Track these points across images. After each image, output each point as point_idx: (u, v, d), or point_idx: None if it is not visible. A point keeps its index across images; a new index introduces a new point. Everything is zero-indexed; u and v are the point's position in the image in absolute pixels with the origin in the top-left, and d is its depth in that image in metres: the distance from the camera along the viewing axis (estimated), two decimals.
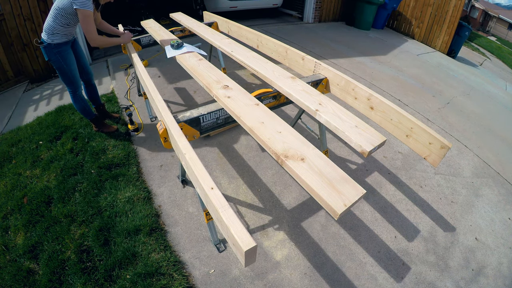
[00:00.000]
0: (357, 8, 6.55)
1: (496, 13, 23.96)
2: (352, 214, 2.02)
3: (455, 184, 2.42)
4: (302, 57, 1.97)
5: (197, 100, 3.17)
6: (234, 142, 2.59)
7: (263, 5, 6.36)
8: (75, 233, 1.77)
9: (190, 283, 1.55)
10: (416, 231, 1.97)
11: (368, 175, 2.38)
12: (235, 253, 0.87)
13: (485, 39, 14.06)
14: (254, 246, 0.81)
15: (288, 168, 1.06)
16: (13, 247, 1.73)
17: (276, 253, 1.74)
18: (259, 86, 3.48)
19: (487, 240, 1.99)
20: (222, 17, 3.03)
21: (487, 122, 3.60)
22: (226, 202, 0.92)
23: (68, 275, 1.55)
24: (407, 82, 4.22)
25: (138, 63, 2.01)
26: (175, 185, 2.13)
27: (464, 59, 6.77)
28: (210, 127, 1.50)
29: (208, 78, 1.60)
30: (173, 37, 2.35)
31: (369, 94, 1.57)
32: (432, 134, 1.35)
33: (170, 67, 3.80)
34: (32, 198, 2.00)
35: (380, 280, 1.66)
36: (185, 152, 1.13)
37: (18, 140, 2.62)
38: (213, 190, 0.96)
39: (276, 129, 1.23)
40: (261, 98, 1.60)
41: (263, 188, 2.15)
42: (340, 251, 1.79)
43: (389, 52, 5.48)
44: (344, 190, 0.95)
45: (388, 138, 2.60)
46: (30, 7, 3.46)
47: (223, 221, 0.87)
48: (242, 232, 0.83)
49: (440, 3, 6.04)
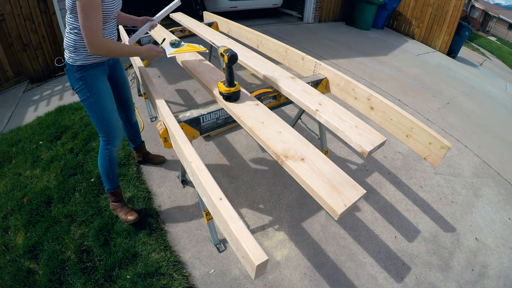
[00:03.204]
0: (357, 8, 6.55)
1: (496, 13, 23.96)
2: (352, 214, 2.02)
3: (455, 184, 2.42)
4: (302, 57, 1.97)
5: (197, 100, 3.17)
6: (234, 142, 2.59)
7: (263, 5, 6.36)
8: (75, 233, 1.77)
9: (190, 283, 1.55)
10: (416, 231, 1.97)
11: (368, 175, 2.38)
12: (244, 265, 0.85)
13: (485, 39, 14.06)
14: (266, 260, 0.78)
15: (288, 168, 1.06)
16: (13, 247, 1.73)
17: (276, 253, 1.74)
18: (259, 86, 3.48)
19: (487, 240, 1.99)
20: (222, 17, 3.03)
21: (487, 122, 3.60)
22: (235, 214, 0.89)
23: (68, 275, 1.55)
24: (407, 82, 4.22)
25: (138, 63, 2.01)
26: (175, 185, 2.13)
27: (464, 59, 6.77)
28: (210, 127, 1.50)
29: (208, 78, 1.60)
30: (173, 37, 2.35)
31: (369, 94, 1.57)
32: (432, 134, 1.35)
33: (170, 67, 3.80)
34: (32, 198, 2.00)
35: (380, 280, 1.66)
36: (191, 160, 1.11)
37: (18, 140, 2.62)
38: (222, 201, 0.93)
39: (276, 129, 1.23)
40: (261, 98, 1.60)
41: (263, 188, 2.15)
42: (340, 251, 1.79)
43: (389, 52, 5.48)
44: (344, 190, 0.95)
45: (388, 138, 2.59)
46: (30, 7, 3.46)
47: (232, 234, 0.85)
48: (254, 245, 0.80)
49: (440, 3, 6.04)
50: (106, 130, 1.56)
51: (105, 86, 1.54)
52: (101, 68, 1.52)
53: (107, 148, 1.61)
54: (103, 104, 1.50)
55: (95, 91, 1.48)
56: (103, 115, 1.51)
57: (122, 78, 1.76)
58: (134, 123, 1.99)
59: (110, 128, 1.56)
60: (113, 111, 1.56)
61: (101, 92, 1.50)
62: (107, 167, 1.67)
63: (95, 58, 1.45)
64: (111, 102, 1.56)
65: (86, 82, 1.45)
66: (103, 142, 1.61)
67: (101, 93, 1.50)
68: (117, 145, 1.63)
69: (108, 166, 1.67)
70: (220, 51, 1.26)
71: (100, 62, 1.50)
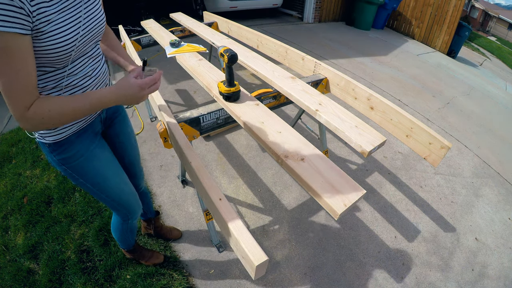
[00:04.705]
0: (357, 8, 6.55)
1: (496, 13, 23.97)
2: (352, 214, 2.02)
3: (455, 184, 2.42)
4: (302, 57, 1.97)
5: (197, 100, 3.17)
6: (234, 142, 2.59)
7: (263, 5, 6.36)
8: (75, 233, 1.77)
9: (190, 283, 1.55)
10: (416, 231, 1.97)
11: (368, 175, 2.38)
12: (244, 265, 0.85)
13: (485, 39, 14.06)
14: (266, 260, 0.78)
15: (288, 168, 1.06)
16: (13, 247, 1.72)
17: (276, 253, 1.74)
18: (259, 86, 3.48)
19: (487, 240, 1.99)
20: (222, 17, 3.03)
21: (487, 122, 3.60)
22: (235, 214, 0.89)
23: (68, 275, 1.55)
24: (407, 82, 4.22)
25: (138, 63, 2.01)
26: (175, 185, 2.13)
27: (464, 59, 6.77)
28: (210, 127, 1.50)
29: (208, 78, 1.60)
30: (173, 37, 2.35)
31: (369, 94, 1.57)
32: (432, 134, 1.35)
33: (170, 67, 3.80)
34: (32, 198, 2.00)
35: (380, 280, 1.66)
36: (191, 160, 1.11)
37: (18, 140, 2.62)
38: (222, 201, 0.93)
39: (276, 129, 1.23)
40: (261, 98, 1.60)
41: (263, 188, 2.15)
42: (340, 251, 1.79)
43: (389, 52, 5.48)
44: (344, 190, 0.95)
45: (388, 138, 2.59)
46: None
47: (232, 234, 0.85)
48: (253, 245, 0.80)
49: (440, 3, 6.04)
50: (121, 209, 1.17)
51: (103, 158, 1.03)
52: (91, 132, 0.98)
53: (127, 222, 1.25)
54: (106, 186, 1.05)
55: (90, 175, 1.00)
56: (112, 197, 1.10)
57: (125, 135, 1.19)
58: (142, 192, 1.46)
59: (126, 207, 1.17)
60: (122, 184, 1.12)
61: (99, 171, 1.01)
62: (126, 238, 1.37)
63: (73, 124, 0.90)
64: (118, 175, 1.09)
65: (71, 167, 0.95)
66: (119, 217, 1.24)
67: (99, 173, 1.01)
68: (137, 216, 1.26)
69: (129, 235, 1.36)
70: (220, 51, 1.26)
71: (86, 124, 0.95)
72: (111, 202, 1.12)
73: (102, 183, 1.04)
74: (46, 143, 0.90)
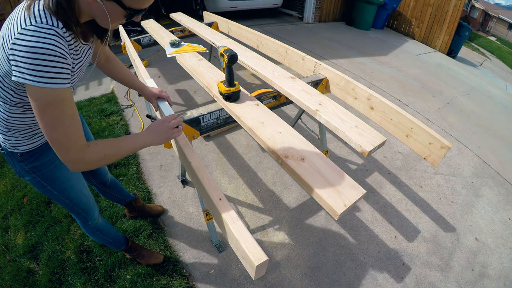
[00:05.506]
0: (357, 8, 6.56)
1: (496, 13, 23.98)
2: (352, 214, 2.02)
3: (455, 184, 2.42)
4: (302, 57, 1.97)
5: (197, 100, 3.17)
6: (234, 142, 2.59)
7: (263, 5, 6.37)
8: (75, 233, 1.77)
9: (190, 283, 1.55)
10: (416, 231, 1.97)
11: (368, 175, 2.38)
12: (244, 265, 0.85)
13: (485, 39, 14.06)
14: (266, 260, 0.78)
15: (288, 168, 1.06)
16: (13, 247, 1.72)
17: (276, 253, 1.74)
18: (259, 86, 3.48)
19: (487, 241, 1.99)
20: (222, 17, 3.03)
21: (487, 122, 3.60)
22: (235, 214, 0.89)
23: (68, 275, 1.55)
24: (407, 82, 4.22)
25: (138, 63, 2.01)
26: (175, 185, 2.13)
27: (464, 59, 6.77)
28: (210, 127, 1.50)
29: (208, 78, 1.60)
30: (173, 37, 2.35)
31: (369, 94, 1.57)
32: (432, 134, 1.35)
33: (170, 67, 3.80)
34: (32, 198, 1.99)
35: (380, 280, 1.66)
36: (191, 160, 1.11)
37: None
38: (222, 201, 0.93)
39: (276, 129, 1.23)
40: (261, 98, 1.60)
41: (263, 188, 2.15)
42: (340, 251, 1.79)
43: (389, 52, 5.48)
44: (344, 190, 0.95)
45: (388, 138, 2.59)
46: None
47: (232, 234, 0.85)
48: (253, 245, 0.80)
49: (440, 3, 6.04)
50: (81, 212, 1.22)
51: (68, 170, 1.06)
52: None
53: (88, 224, 1.29)
54: (71, 191, 1.11)
55: (59, 182, 1.05)
56: (75, 201, 1.15)
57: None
58: (110, 183, 1.56)
59: (85, 209, 1.22)
60: (83, 188, 1.19)
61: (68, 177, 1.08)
62: (103, 238, 1.39)
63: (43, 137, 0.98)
64: (80, 179, 1.17)
65: (42, 174, 1.01)
66: (79, 221, 1.28)
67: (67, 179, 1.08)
68: (96, 216, 1.31)
69: (103, 237, 1.38)
70: (220, 51, 1.26)
71: None
72: (73, 206, 1.17)
73: (69, 189, 1.10)
74: (17, 153, 0.95)
